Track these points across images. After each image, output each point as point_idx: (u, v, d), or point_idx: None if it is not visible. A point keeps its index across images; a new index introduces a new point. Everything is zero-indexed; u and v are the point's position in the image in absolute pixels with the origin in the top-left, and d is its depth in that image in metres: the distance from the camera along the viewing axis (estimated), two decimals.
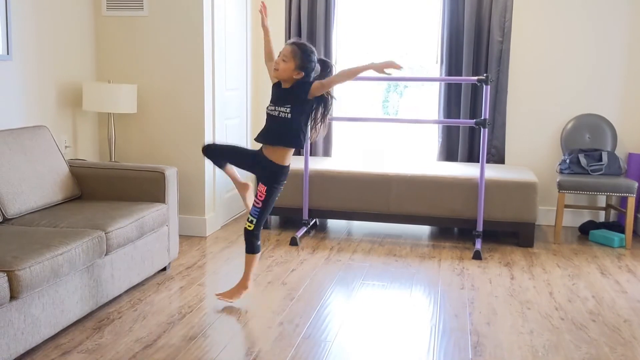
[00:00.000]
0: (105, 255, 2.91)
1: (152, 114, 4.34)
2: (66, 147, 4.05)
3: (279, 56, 2.96)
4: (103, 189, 3.52)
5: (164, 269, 3.59)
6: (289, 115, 2.96)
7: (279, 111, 2.99)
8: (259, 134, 3.09)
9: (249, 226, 3.04)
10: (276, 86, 3.05)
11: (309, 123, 3.06)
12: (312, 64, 2.95)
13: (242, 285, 3.14)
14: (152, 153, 4.37)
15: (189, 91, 4.25)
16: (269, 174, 3.03)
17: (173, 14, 4.20)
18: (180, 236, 4.26)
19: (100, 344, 2.62)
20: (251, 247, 3.09)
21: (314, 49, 2.99)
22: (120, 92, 4.03)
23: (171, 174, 3.54)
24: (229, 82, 4.68)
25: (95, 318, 2.90)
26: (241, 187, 3.25)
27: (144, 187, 3.48)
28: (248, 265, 3.11)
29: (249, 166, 3.18)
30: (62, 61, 3.99)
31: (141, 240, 3.23)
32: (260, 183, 3.04)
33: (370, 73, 2.88)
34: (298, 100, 2.96)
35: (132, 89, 4.10)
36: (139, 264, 3.22)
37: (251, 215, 3.04)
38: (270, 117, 3.04)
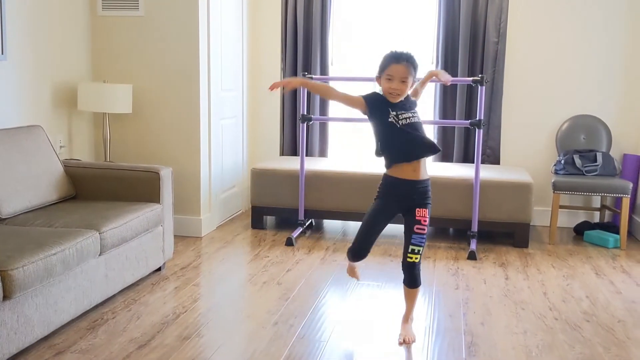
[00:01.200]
0: (100, 255, 2.90)
1: (147, 114, 4.33)
2: (61, 147, 4.04)
3: (390, 80, 2.60)
4: (98, 189, 3.52)
5: (159, 269, 3.58)
6: (419, 119, 2.69)
7: (411, 116, 2.64)
8: (404, 153, 2.65)
9: (415, 258, 2.67)
10: (382, 102, 2.66)
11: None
12: None
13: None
14: (147, 153, 4.36)
15: (185, 91, 4.25)
16: (421, 193, 2.68)
17: (169, 14, 4.20)
18: (176, 236, 4.26)
19: (94, 344, 2.62)
20: (417, 280, 2.72)
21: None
22: (116, 92, 4.02)
23: (166, 174, 3.53)
24: (224, 82, 4.68)
25: (89, 318, 2.89)
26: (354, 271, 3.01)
27: (138, 187, 3.48)
28: (412, 301, 2.78)
29: (392, 214, 2.76)
30: (57, 61, 3.98)
31: (136, 240, 3.22)
32: (417, 209, 2.67)
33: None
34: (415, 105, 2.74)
35: (127, 89, 4.10)
36: (133, 264, 3.22)
37: (418, 245, 2.67)
38: (407, 127, 2.62)
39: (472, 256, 4.00)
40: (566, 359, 2.58)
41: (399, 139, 2.65)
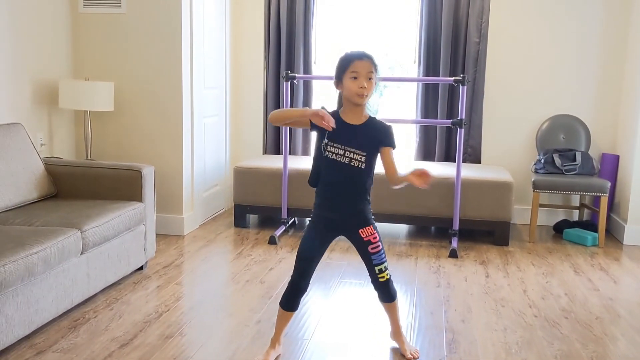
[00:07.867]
0: (81, 254, 2.89)
1: (129, 112, 4.31)
2: (42, 145, 4.00)
3: (357, 78, 2.33)
4: (79, 187, 3.49)
5: (141, 267, 3.57)
6: (363, 165, 2.35)
7: (351, 157, 2.33)
8: (319, 188, 2.42)
9: (387, 275, 2.48)
10: (338, 123, 2.31)
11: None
12: None
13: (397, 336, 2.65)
14: (129, 151, 4.34)
15: (167, 89, 4.23)
16: (358, 214, 2.46)
17: (151, 11, 4.18)
18: (158, 235, 4.24)
19: (75, 343, 2.60)
20: (394, 294, 2.56)
21: None
22: (97, 90, 3.99)
23: (148, 173, 3.52)
24: (207, 80, 4.67)
25: (70, 317, 2.87)
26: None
27: (120, 186, 3.46)
28: (395, 313, 2.62)
29: (330, 238, 2.53)
30: (38, 58, 3.94)
31: (117, 239, 3.21)
32: (360, 230, 2.45)
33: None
34: (376, 145, 2.37)
35: (109, 86, 4.07)
36: (115, 263, 3.20)
37: (380, 263, 2.46)
38: (333, 163, 2.34)
39: (453, 254, 4.04)
40: (545, 355, 2.62)
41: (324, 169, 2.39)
